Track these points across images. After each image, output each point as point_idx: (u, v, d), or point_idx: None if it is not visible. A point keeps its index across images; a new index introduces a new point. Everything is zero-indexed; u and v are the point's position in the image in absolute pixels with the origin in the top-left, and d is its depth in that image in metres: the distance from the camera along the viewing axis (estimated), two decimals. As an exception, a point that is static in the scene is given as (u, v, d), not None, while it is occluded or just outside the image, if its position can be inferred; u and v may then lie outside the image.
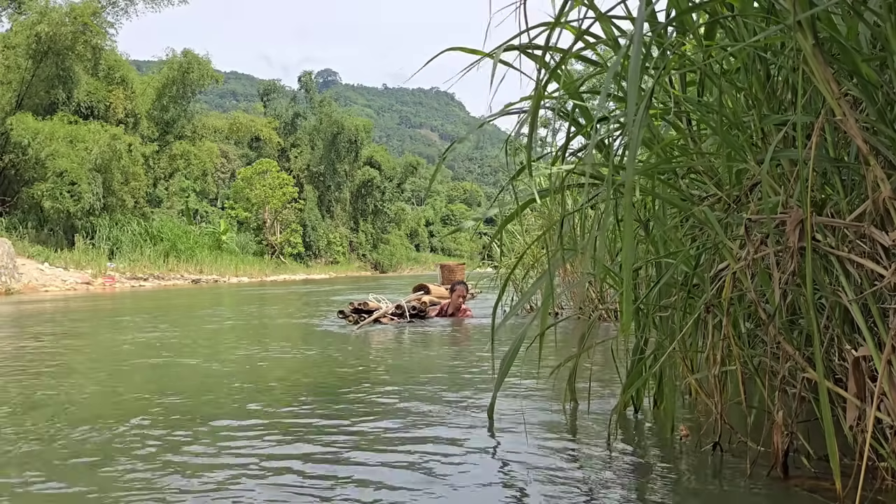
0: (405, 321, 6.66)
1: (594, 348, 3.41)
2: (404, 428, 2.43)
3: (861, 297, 1.56)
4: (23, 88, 25.30)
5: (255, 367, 4.02)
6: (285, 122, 46.68)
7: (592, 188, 2.44)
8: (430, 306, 7.18)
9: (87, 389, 3.36)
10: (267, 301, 12.53)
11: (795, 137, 1.67)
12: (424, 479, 1.85)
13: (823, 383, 1.49)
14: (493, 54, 2.09)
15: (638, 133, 1.44)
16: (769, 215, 1.66)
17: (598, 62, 2.50)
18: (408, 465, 1.98)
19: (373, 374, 3.70)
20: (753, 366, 1.97)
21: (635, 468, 1.94)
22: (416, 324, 6.62)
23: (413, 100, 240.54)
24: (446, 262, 12.10)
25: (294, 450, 2.16)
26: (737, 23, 1.92)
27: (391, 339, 5.51)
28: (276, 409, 2.78)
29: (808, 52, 1.49)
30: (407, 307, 6.79)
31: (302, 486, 1.82)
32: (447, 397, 2.97)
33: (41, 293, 15.67)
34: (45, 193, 23.36)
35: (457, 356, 4.54)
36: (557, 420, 2.53)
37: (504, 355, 2.39)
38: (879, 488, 1.61)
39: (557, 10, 1.91)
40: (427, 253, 63.83)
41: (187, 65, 30.35)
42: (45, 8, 25.21)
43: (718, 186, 2.01)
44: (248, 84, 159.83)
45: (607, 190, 1.51)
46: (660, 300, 2.33)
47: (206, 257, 28.75)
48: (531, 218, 8.39)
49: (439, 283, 8.96)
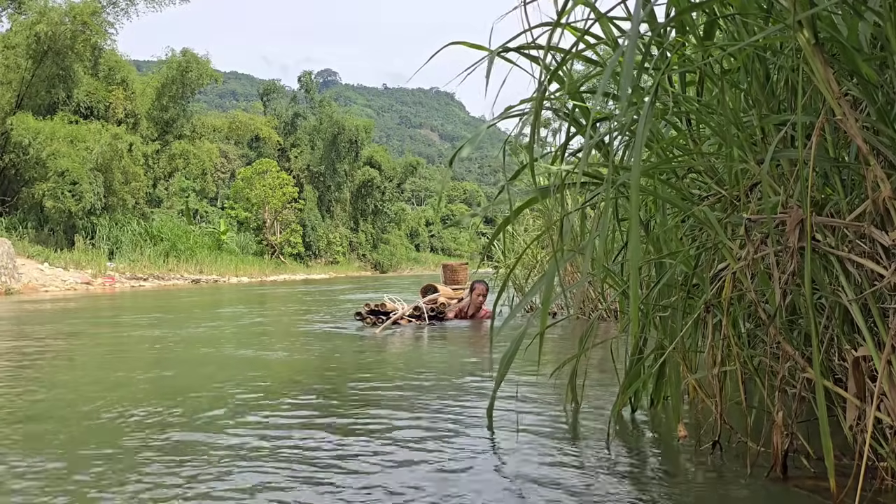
0: (424, 323, 6.49)
1: (595, 348, 3.41)
2: (405, 428, 2.43)
3: (861, 297, 1.56)
4: (23, 88, 25.33)
5: (288, 366, 4.03)
6: (285, 122, 46.70)
7: (592, 188, 2.44)
8: (444, 305, 6.95)
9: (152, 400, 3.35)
10: (278, 301, 12.52)
11: (795, 137, 1.67)
12: (424, 480, 1.85)
13: (821, 383, 1.49)
14: (493, 51, 2.09)
15: (643, 130, 1.44)
16: (769, 215, 1.66)
17: (599, 62, 2.50)
18: (407, 466, 1.98)
19: (406, 379, 3.70)
20: (753, 366, 1.97)
21: (635, 468, 1.94)
22: (435, 326, 6.40)
23: (413, 100, 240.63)
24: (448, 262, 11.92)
25: (298, 442, 2.17)
26: (736, 22, 1.92)
27: (412, 342, 5.32)
28: (286, 407, 2.78)
29: (808, 52, 1.49)
30: (426, 309, 6.61)
31: (297, 479, 1.82)
32: (456, 399, 2.97)
33: (41, 293, 15.67)
34: (47, 193, 23.38)
35: (474, 355, 4.53)
36: (557, 420, 2.53)
37: (503, 354, 2.40)
38: (879, 488, 1.61)
39: (559, 9, 1.91)
40: (427, 253, 63.83)
41: (186, 64, 30.36)
42: (45, 7, 25.23)
43: (718, 186, 2.01)
44: (248, 84, 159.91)
45: (606, 190, 1.51)
46: (659, 300, 2.33)
47: (206, 257, 28.76)
48: (530, 219, 8.40)
49: (443, 283, 8.88)
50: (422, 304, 6.67)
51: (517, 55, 2.27)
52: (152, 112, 30.34)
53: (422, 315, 6.53)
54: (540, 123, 2.16)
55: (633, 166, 1.43)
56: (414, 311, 6.55)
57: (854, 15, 1.57)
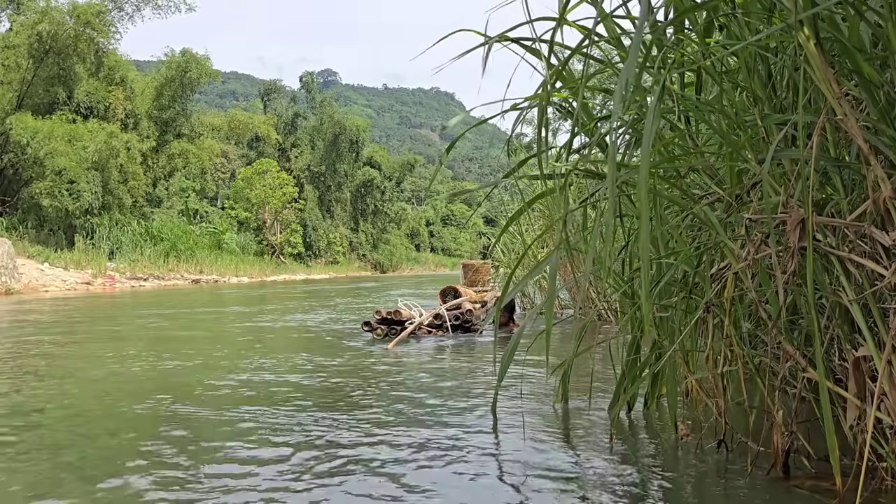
0: (447, 335, 5.43)
1: (596, 347, 3.41)
2: (407, 428, 2.43)
3: (861, 297, 1.56)
4: (23, 88, 25.34)
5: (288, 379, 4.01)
6: (285, 121, 46.72)
7: (594, 186, 2.44)
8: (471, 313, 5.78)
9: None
10: (284, 300, 12.52)
11: (796, 137, 1.67)
12: (423, 478, 1.85)
13: (824, 383, 1.49)
14: (491, 39, 2.09)
15: (652, 127, 1.44)
16: (770, 215, 1.66)
17: (602, 60, 2.50)
18: (407, 465, 1.98)
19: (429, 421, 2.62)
20: (754, 365, 1.97)
21: (635, 467, 1.94)
22: (462, 338, 5.34)
23: (413, 100, 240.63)
24: (469, 261, 10.54)
25: (301, 443, 2.16)
26: (738, 22, 1.92)
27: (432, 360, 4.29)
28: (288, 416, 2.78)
29: (809, 52, 1.49)
30: (448, 317, 5.55)
31: (300, 479, 1.82)
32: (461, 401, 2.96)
33: (41, 293, 15.66)
34: (44, 192, 23.37)
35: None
36: (557, 420, 2.53)
37: (504, 351, 2.40)
38: (879, 488, 1.61)
39: (561, 6, 1.91)
40: (427, 253, 63.84)
41: (185, 63, 30.35)
42: (47, 7, 25.24)
43: (719, 186, 2.01)
44: (249, 84, 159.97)
45: (610, 187, 1.51)
46: (659, 300, 2.32)
47: (206, 257, 28.75)
48: (529, 220, 8.39)
49: (463, 284, 7.86)
50: (443, 310, 5.63)
51: (518, 56, 2.27)
52: (152, 111, 30.34)
53: (444, 324, 5.51)
54: (547, 122, 2.16)
55: (642, 161, 1.43)
56: (434, 320, 5.54)
57: (855, 14, 1.57)
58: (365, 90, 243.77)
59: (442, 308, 5.64)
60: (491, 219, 34.39)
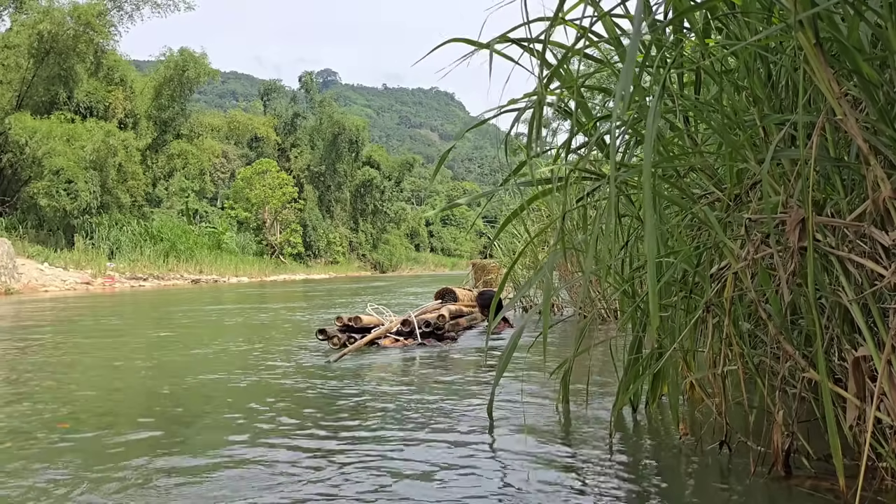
0: (413, 343, 4.75)
1: (597, 347, 3.41)
2: (405, 429, 2.43)
3: (861, 297, 1.56)
4: (23, 88, 25.36)
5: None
6: (285, 121, 46.76)
7: (592, 186, 2.44)
8: (449, 321, 5.13)
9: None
10: (286, 300, 12.52)
11: (796, 137, 1.67)
12: (423, 479, 1.85)
13: (826, 384, 1.49)
14: (489, 43, 2.09)
15: (653, 125, 1.44)
16: (769, 215, 1.66)
17: (600, 59, 2.50)
18: (407, 465, 1.98)
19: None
20: (754, 365, 1.97)
21: (635, 467, 1.94)
22: (435, 349, 4.63)
23: (413, 100, 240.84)
24: (479, 260, 9.92)
25: (293, 445, 2.17)
26: (737, 21, 1.92)
27: (380, 381, 3.40)
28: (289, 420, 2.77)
29: (809, 52, 1.49)
30: (417, 322, 4.87)
31: (300, 480, 1.82)
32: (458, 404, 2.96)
33: (41, 293, 15.66)
34: (42, 191, 23.38)
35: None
36: (557, 420, 2.53)
37: (502, 352, 2.40)
38: (879, 488, 1.61)
39: (558, 4, 1.91)
40: (427, 253, 63.89)
41: (183, 63, 30.37)
42: (49, 7, 25.27)
43: (718, 186, 2.01)
44: (248, 84, 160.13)
45: (611, 187, 1.51)
46: (660, 300, 2.32)
47: (206, 257, 28.78)
48: (529, 220, 8.39)
49: (472, 285, 7.32)
50: (412, 316, 4.97)
51: (518, 56, 2.27)
52: (151, 111, 30.36)
53: (412, 332, 4.83)
54: (541, 121, 2.16)
55: (645, 160, 1.43)
56: (402, 327, 4.87)
57: (855, 14, 1.57)
58: (364, 90, 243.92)
59: (411, 314, 5.02)
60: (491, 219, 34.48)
